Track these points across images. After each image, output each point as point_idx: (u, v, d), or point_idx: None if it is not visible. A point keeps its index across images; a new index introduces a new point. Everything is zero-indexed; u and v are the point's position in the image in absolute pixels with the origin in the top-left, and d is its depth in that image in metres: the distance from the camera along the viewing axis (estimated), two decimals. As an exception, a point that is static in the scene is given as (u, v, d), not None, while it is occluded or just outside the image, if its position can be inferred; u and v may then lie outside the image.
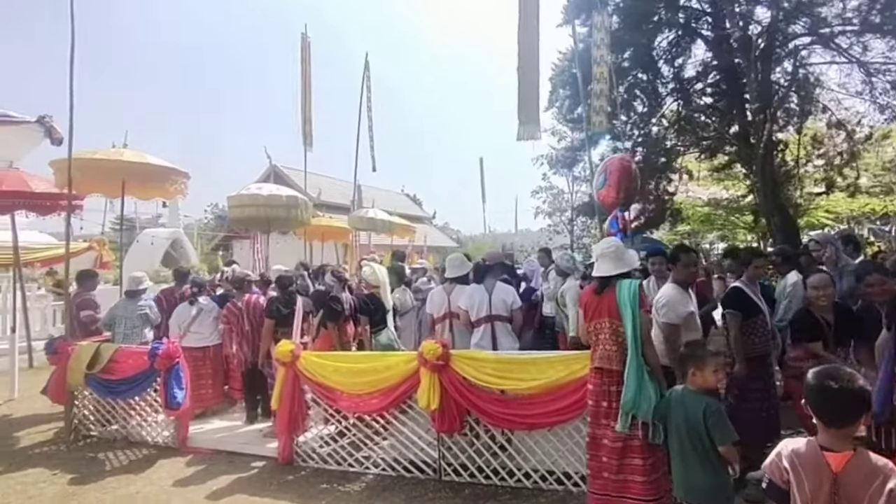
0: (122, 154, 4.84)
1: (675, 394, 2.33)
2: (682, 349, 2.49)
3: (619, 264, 2.69)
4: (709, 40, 10.94)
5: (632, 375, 2.51)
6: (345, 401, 3.70)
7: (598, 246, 2.87)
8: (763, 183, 9.55)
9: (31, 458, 4.08)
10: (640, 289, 2.62)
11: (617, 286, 2.64)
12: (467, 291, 4.08)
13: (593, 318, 2.75)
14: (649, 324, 2.58)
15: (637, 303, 2.55)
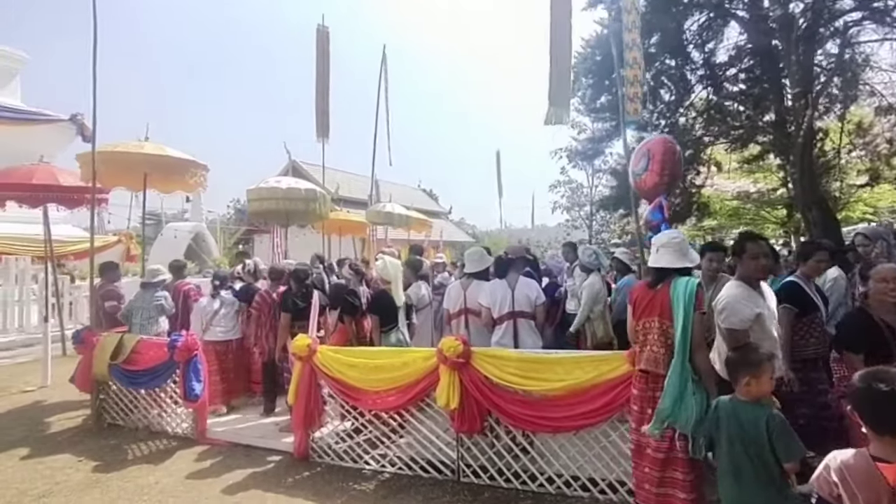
0: (143, 147, 4.86)
1: (724, 406, 2.07)
2: (730, 354, 2.20)
3: (680, 258, 2.44)
4: (744, 21, 10.32)
5: (673, 381, 2.32)
6: (361, 397, 3.62)
7: (661, 236, 2.63)
8: (801, 174, 8.99)
9: (59, 445, 4.18)
10: (700, 288, 2.36)
11: (672, 283, 2.42)
12: (488, 287, 3.92)
13: (643, 316, 2.55)
14: (703, 327, 2.32)
15: (692, 303, 2.31)
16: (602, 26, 11.34)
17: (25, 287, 7.91)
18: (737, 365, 2.08)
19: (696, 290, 2.32)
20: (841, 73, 9.83)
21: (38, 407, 5.23)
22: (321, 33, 8.75)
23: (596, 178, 22.18)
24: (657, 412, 2.37)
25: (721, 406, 2.08)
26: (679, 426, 2.30)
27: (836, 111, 10.83)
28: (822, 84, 9.74)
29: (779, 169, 13.33)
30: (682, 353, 2.31)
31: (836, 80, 10.11)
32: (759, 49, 10.30)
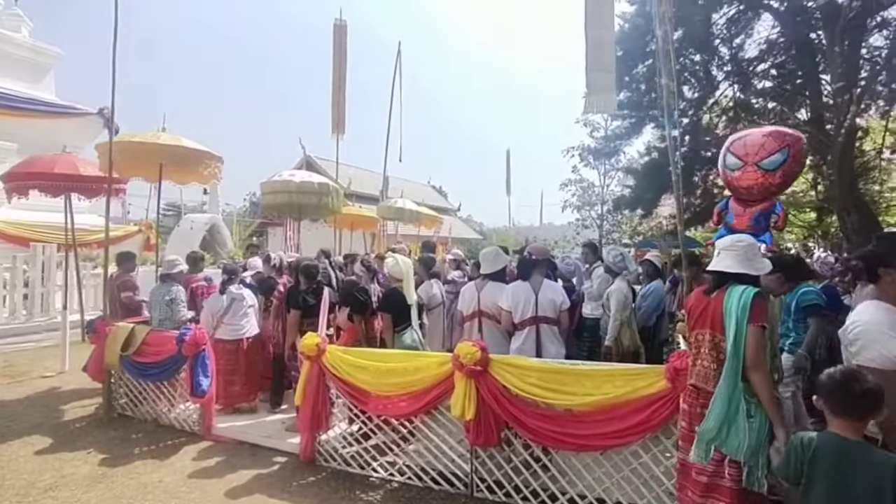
0: (159, 137, 4.79)
1: (828, 443, 1.67)
2: (853, 383, 1.64)
3: (743, 264, 2.18)
4: (779, 13, 9.76)
5: (720, 399, 2.09)
6: (370, 401, 3.46)
7: (726, 239, 2.36)
8: (840, 175, 8.44)
9: (70, 434, 4.16)
10: (759, 298, 2.08)
11: (728, 291, 2.17)
12: (510, 289, 3.69)
13: (696, 327, 2.33)
14: (762, 343, 2.05)
15: (747, 314, 2.05)
16: (623, 20, 10.94)
17: (51, 273, 8.06)
18: (861, 398, 1.64)
19: (752, 299, 2.07)
20: (888, 66, 9.19)
21: (54, 394, 5.24)
22: (338, 28, 8.64)
23: (608, 177, 21.69)
24: (699, 433, 2.16)
25: (823, 443, 1.69)
26: (729, 452, 2.08)
27: (880, 108, 10.17)
28: (867, 79, 9.14)
29: (809, 169, 12.72)
30: (733, 370, 2.06)
31: (882, 74, 9.46)
32: (795, 42, 9.74)
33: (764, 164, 3.30)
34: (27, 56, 9.87)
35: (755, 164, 3.32)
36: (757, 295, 2.09)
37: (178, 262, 5.01)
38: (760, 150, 3.30)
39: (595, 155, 18.90)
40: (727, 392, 2.07)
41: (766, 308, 2.10)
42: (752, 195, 3.41)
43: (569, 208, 23.43)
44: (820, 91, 9.63)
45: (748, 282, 2.16)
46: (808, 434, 1.74)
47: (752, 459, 2.03)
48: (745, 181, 3.34)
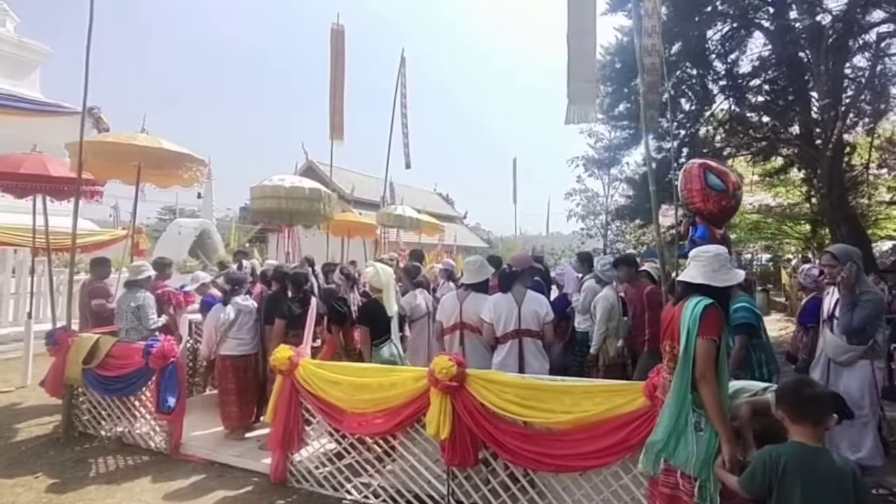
0: (136, 138, 4.61)
1: (794, 454, 1.65)
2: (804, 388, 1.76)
3: (707, 275, 2.10)
4: (769, 32, 9.92)
5: (668, 410, 2.07)
6: (344, 419, 3.26)
7: (698, 248, 2.30)
8: (830, 188, 8.52)
9: (20, 456, 3.89)
10: (711, 310, 2.02)
11: (686, 302, 2.11)
12: (491, 301, 3.55)
13: (664, 338, 2.29)
14: (710, 356, 1.98)
15: (697, 325, 2.00)
16: (622, 34, 11.02)
17: (23, 279, 7.73)
18: (813, 401, 1.69)
19: (702, 311, 2.01)
20: (870, 86, 9.38)
21: (9, 410, 4.96)
22: (336, 32, 8.58)
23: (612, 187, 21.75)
24: (648, 443, 2.16)
25: (791, 454, 1.65)
26: (677, 464, 2.04)
27: (865, 125, 10.35)
28: (852, 97, 9.32)
29: (802, 183, 12.83)
30: (682, 381, 2.03)
31: (865, 93, 9.65)
32: (784, 60, 9.89)
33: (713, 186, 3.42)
34: (12, 52, 9.58)
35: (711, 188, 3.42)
36: (709, 307, 2.02)
37: (145, 267, 4.75)
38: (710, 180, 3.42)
39: (597, 165, 18.99)
40: (675, 403, 2.05)
41: (717, 320, 2.03)
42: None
43: (574, 217, 23.47)
44: (809, 107, 9.73)
45: (712, 293, 2.08)
46: (773, 448, 1.72)
47: (703, 473, 1.98)
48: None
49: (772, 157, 11.93)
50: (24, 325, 5.78)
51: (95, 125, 9.42)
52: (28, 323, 5.72)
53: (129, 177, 5.11)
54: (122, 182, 5.39)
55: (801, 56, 9.53)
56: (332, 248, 9.70)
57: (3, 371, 6.25)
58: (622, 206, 15.10)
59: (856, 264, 3.11)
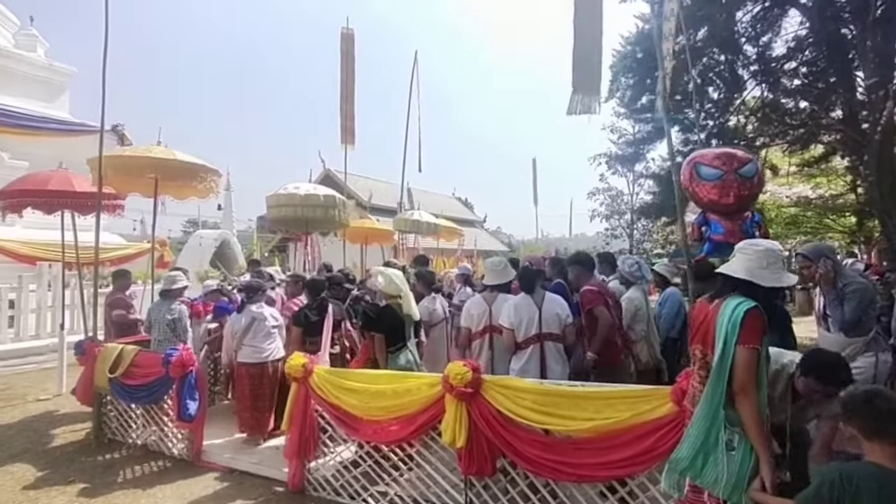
0: (151, 150, 4.73)
1: (869, 477, 1.43)
2: (877, 400, 1.52)
3: (752, 271, 1.84)
4: (807, 8, 9.31)
5: (696, 425, 1.85)
6: (360, 427, 3.19)
7: (746, 241, 2.07)
8: (880, 175, 7.85)
9: (55, 461, 4.01)
10: (754, 315, 1.77)
11: (724, 302, 1.87)
12: (510, 304, 3.38)
13: (693, 341, 2.06)
14: (752, 367, 1.76)
15: (737, 332, 1.76)
16: (642, 21, 10.63)
17: (57, 293, 8.09)
18: (892, 416, 1.46)
19: (744, 316, 1.77)
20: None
21: (46, 418, 5.15)
22: (345, 36, 8.62)
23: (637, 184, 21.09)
24: (671, 461, 1.95)
25: (865, 477, 1.43)
26: (705, 485, 1.82)
27: (918, 105, 9.56)
28: (905, 71, 8.57)
29: (847, 171, 12.01)
30: (715, 394, 1.81)
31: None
32: (824, 38, 9.26)
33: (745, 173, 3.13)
34: (42, 75, 10.15)
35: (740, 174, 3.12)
36: (752, 310, 1.78)
37: (180, 277, 4.82)
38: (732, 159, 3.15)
39: (621, 161, 18.46)
40: (706, 418, 1.84)
41: (760, 326, 1.79)
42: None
43: (597, 218, 22.87)
44: (854, 88, 9.07)
45: (755, 294, 1.83)
46: (844, 467, 1.49)
47: (734, 497, 1.76)
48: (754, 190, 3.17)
49: (810, 145, 11.19)
50: (58, 337, 5.99)
51: (120, 142, 9.81)
52: (61, 334, 5.94)
53: (148, 190, 5.24)
54: (141, 195, 5.52)
55: (844, 33, 8.91)
56: (351, 255, 9.72)
57: (42, 380, 6.52)
58: (647, 203, 14.58)
59: (830, 259, 3.05)
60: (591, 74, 3.05)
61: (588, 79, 3.03)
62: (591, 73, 3.05)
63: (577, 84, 3.02)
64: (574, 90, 3.04)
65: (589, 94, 3.05)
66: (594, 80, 3.08)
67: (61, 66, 10.75)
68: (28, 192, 5.01)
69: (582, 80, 3.02)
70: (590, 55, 3.02)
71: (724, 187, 3.03)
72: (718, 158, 3.15)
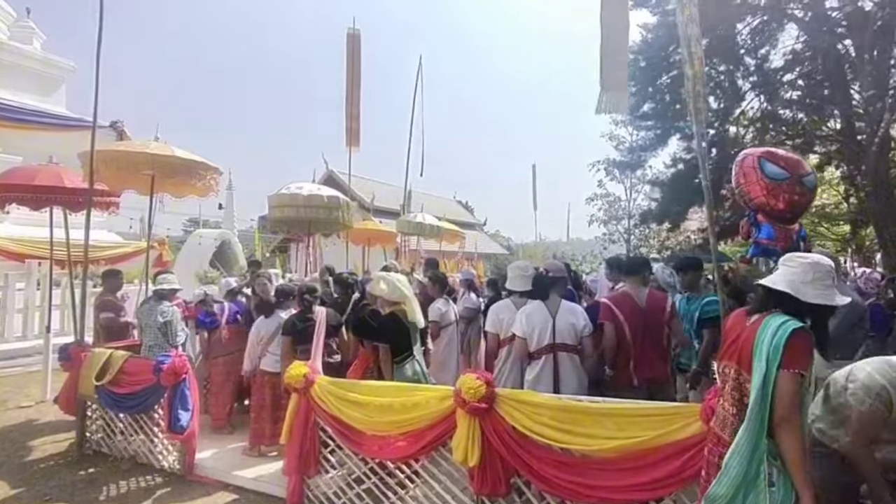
0: (147, 146, 4.53)
1: None
2: None
3: (794, 285, 1.68)
4: (804, 22, 9.44)
5: (737, 457, 1.68)
6: (364, 442, 3.02)
7: (793, 253, 1.90)
8: (876, 186, 7.97)
9: (32, 477, 3.75)
10: (800, 337, 1.62)
11: (765, 320, 1.72)
12: (523, 313, 3.21)
13: (724, 356, 1.91)
14: (796, 394, 1.62)
15: (779, 356, 1.61)
16: (646, 31, 10.70)
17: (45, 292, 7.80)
18: None
19: (788, 338, 1.61)
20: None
21: (26, 427, 4.87)
22: (351, 36, 8.50)
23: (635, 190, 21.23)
24: (707, 497, 1.76)
25: None
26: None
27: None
28: (897, 87, 8.70)
29: (841, 181, 12.16)
30: (757, 422, 1.64)
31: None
32: (821, 51, 9.38)
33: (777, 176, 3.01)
34: (38, 69, 9.86)
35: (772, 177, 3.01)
36: (798, 331, 1.63)
37: (172, 278, 4.59)
38: (798, 165, 3.04)
39: (620, 168, 18.58)
40: (748, 449, 1.65)
41: (807, 350, 1.64)
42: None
43: (595, 223, 22.98)
44: (850, 100, 9.18)
45: (799, 311, 1.68)
46: None
47: None
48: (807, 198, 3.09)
49: (806, 155, 11.36)
50: (44, 339, 5.73)
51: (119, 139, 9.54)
52: (47, 337, 5.67)
53: (144, 186, 5.03)
54: (137, 192, 5.31)
55: (840, 47, 9.04)
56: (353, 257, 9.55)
57: (26, 384, 6.23)
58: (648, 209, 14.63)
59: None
60: (619, 71, 2.96)
61: (616, 76, 2.94)
62: (619, 70, 2.96)
63: (605, 82, 2.93)
64: (602, 88, 2.94)
65: (618, 92, 2.96)
66: (622, 77, 2.99)
67: (58, 59, 10.46)
68: (13, 187, 4.77)
69: (610, 77, 2.93)
70: (617, 52, 2.94)
71: (780, 190, 2.94)
72: (788, 161, 3.06)
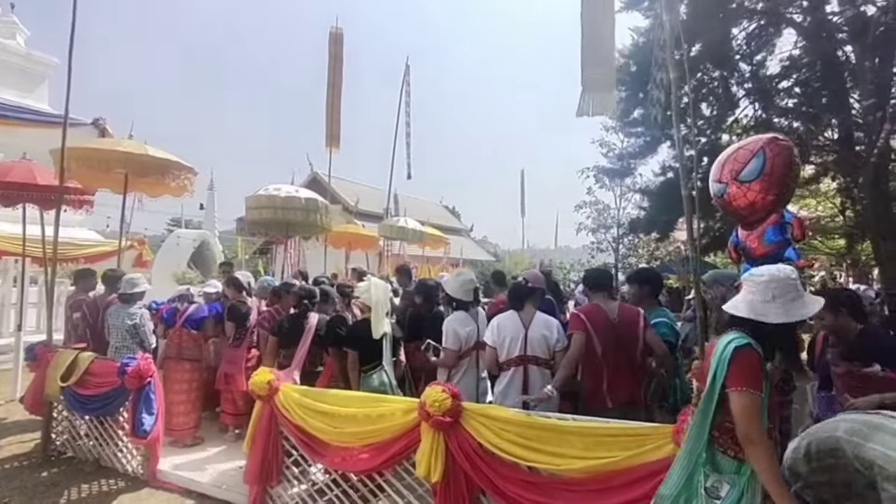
0: (120, 144, 4.43)
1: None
2: None
3: (752, 305, 1.67)
4: (803, 28, 9.30)
5: (679, 462, 1.74)
6: (327, 453, 2.92)
7: (754, 269, 1.86)
8: (873, 198, 7.84)
9: (-6, 477, 3.64)
10: (744, 353, 1.60)
11: (720, 339, 1.72)
12: (495, 322, 3.11)
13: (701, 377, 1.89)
14: (752, 413, 1.57)
15: (724, 372, 1.60)
16: (637, 34, 10.60)
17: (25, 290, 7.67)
18: None
19: (732, 355, 1.60)
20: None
21: (-6, 425, 4.77)
22: (334, 36, 8.41)
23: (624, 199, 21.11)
24: (657, 496, 1.81)
25: None
26: None
27: (908, 128, 9.62)
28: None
29: (838, 193, 12.06)
30: (695, 434, 1.68)
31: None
32: (819, 58, 9.27)
33: (742, 177, 2.77)
34: (21, 64, 9.73)
35: (734, 179, 2.80)
36: (741, 349, 1.60)
37: (141, 280, 4.45)
38: (734, 163, 2.82)
39: (609, 175, 18.43)
40: (685, 458, 1.71)
41: (752, 367, 1.59)
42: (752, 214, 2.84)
43: (584, 231, 22.79)
44: (849, 109, 9.06)
45: (760, 329, 1.64)
46: None
47: None
48: (737, 202, 2.82)
49: (802, 166, 11.25)
50: (14, 337, 5.61)
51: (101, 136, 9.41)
52: (18, 335, 5.54)
53: (118, 185, 4.92)
54: (111, 191, 5.19)
55: (839, 53, 8.93)
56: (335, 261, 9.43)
57: (0, 383, 6.10)
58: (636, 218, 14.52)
59: (723, 286, 3.01)
60: (606, 70, 2.78)
61: (602, 75, 2.76)
62: (605, 68, 2.78)
63: (588, 82, 2.76)
64: (584, 89, 2.77)
65: (602, 93, 2.79)
66: (609, 75, 2.81)
67: (41, 55, 10.33)
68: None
69: (593, 77, 2.75)
70: (601, 50, 2.76)
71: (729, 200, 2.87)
72: (720, 165, 2.96)
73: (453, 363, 3.27)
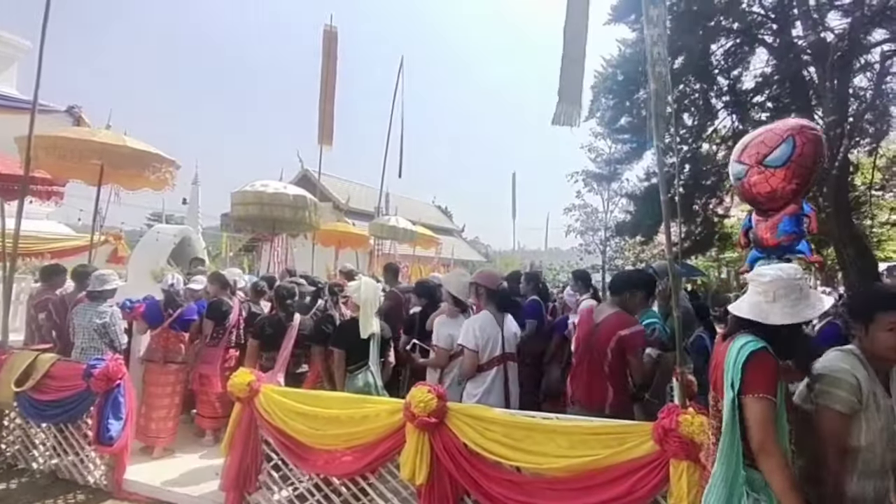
0: (96, 134, 4.21)
1: None
2: None
3: (756, 307, 1.60)
4: (773, 48, 9.79)
5: (714, 490, 1.56)
6: (308, 456, 2.82)
7: (759, 268, 1.81)
8: (836, 208, 8.25)
9: (-62, 494, 3.36)
10: (759, 358, 1.53)
11: (732, 342, 1.63)
12: (475, 324, 2.99)
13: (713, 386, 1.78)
14: (767, 420, 1.49)
15: (739, 377, 1.51)
16: (624, 45, 10.88)
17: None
18: None
19: (746, 360, 1.52)
20: (872, 106, 9.23)
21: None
22: (328, 33, 8.34)
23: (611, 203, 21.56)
24: None
25: None
26: None
27: (867, 145, 10.22)
28: (855, 116, 9.13)
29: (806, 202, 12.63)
30: (728, 451, 1.53)
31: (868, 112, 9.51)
32: (788, 76, 9.75)
33: (768, 162, 2.71)
34: (-15, 45, 9.22)
35: (758, 163, 2.75)
36: (756, 353, 1.53)
37: (112, 277, 4.20)
38: (760, 146, 2.76)
39: (597, 179, 18.84)
40: (725, 481, 1.53)
41: (767, 372, 1.52)
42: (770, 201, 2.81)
43: (572, 233, 23.19)
44: (814, 125, 9.54)
45: (765, 331, 1.58)
46: None
47: None
48: (757, 187, 2.78)
49: (773, 177, 11.73)
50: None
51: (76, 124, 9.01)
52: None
53: (92, 177, 4.69)
54: (84, 183, 4.95)
55: (805, 74, 9.40)
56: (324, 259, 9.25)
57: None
58: (622, 221, 14.83)
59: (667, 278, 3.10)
60: (574, 85, 2.88)
61: (571, 89, 2.85)
62: (575, 83, 2.87)
63: (561, 93, 2.85)
64: (560, 99, 2.86)
65: (571, 105, 2.87)
66: (576, 91, 2.90)
67: (10, 37, 9.78)
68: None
69: (566, 89, 2.85)
70: (574, 65, 2.86)
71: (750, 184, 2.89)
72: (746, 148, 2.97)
73: (444, 363, 3.20)
